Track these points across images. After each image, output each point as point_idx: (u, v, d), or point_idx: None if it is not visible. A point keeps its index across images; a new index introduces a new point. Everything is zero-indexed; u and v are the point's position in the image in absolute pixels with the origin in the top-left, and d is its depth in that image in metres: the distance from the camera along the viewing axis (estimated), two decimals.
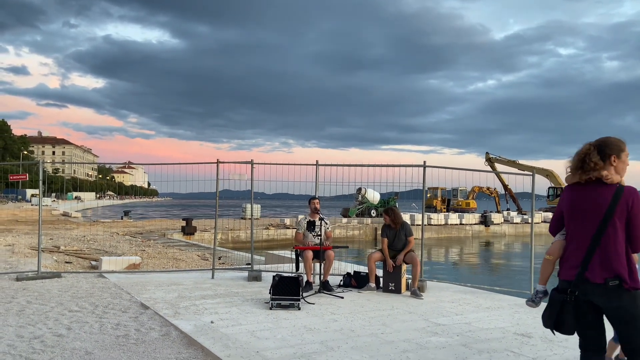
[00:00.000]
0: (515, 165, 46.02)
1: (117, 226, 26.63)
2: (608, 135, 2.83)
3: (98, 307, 5.92)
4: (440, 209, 46.14)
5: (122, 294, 6.75)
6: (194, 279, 8.09)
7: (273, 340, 4.58)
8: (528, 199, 8.21)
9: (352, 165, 8.34)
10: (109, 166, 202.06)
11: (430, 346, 4.54)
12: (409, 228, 7.33)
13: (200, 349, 4.39)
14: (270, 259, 11.73)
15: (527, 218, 37.72)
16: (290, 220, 30.14)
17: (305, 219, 7.51)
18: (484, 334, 5.01)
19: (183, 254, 14.83)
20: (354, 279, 7.48)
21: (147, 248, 15.94)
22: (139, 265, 10.19)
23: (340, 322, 5.35)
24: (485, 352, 4.40)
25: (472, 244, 30.76)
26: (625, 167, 2.77)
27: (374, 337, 4.78)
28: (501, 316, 5.84)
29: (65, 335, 4.73)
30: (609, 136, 2.82)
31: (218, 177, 8.47)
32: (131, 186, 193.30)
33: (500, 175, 26.96)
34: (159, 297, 6.44)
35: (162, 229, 25.00)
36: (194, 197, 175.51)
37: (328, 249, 7.21)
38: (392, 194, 37.46)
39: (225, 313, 5.63)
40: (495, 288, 7.64)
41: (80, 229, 23.05)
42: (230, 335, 4.73)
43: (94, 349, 4.33)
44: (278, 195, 23.81)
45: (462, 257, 25.32)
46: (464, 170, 8.55)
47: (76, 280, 7.80)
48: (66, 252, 13.26)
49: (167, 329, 5.01)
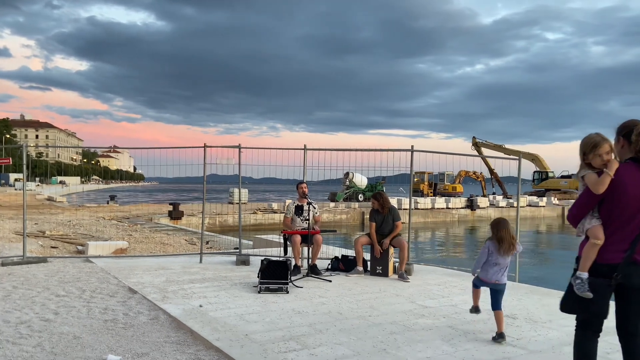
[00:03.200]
0: (501, 150, 46.47)
1: (103, 211, 26.41)
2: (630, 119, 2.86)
3: (85, 292, 5.89)
4: (427, 193, 46.49)
5: (110, 278, 6.73)
6: (182, 263, 8.08)
7: (262, 324, 4.62)
8: (513, 183, 8.31)
9: (339, 150, 8.34)
10: (93, 150, 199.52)
11: (417, 328, 4.61)
12: (396, 213, 7.38)
13: (189, 333, 4.41)
14: (258, 243, 11.76)
15: (512, 202, 38.20)
16: (278, 204, 30.16)
17: (293, 204, 7.51)
18: (470, 315, 5.09)
19: (170, 238, 14.79)
20: (341, 263, 7.54)
21: (134, 233, 15.86)
22: (126, 250, 10.15)
23: (328, 305, 5.41)
24: (471, 334, 4.48)
25: (458, 228, 31.11)
26: None
27: (361, 320, 4.84)
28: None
29: (52, 320, 4.72)
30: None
31: (205, 161, 8.42)
32: (117, 170, 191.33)
33: (486, 160, 27.22)
34: (146, 282, 6.43)
35: (149, 213, 24.85)
36: (181, 181, 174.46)
37: (316, 233, 7.24)
38: (379, 179, 37.64)
39: (213, 297, 5.65)
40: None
41: (65, 214, 22.82)
42: (219, 318, 4.75)
43: (82, 334, 4.32)
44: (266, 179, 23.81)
45: (448, 240, 25.61)
46: (451, 154, 8.61)
47: (63, 265, 7.75)
48: (52, 236, 13.14)
49: (156, 313, 5.02)
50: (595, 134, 2.89)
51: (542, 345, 4.24)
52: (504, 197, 43.75)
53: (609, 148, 2.83)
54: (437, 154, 8.33)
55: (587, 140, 2.88)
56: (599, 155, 2.82)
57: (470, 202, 37.08)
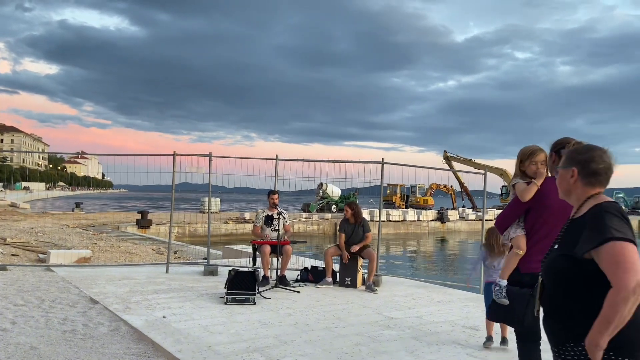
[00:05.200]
0: (471, 164, 47.33)
1: (68, 218, 25.67)
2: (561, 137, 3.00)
3: (44, 302, 5.70)
4: (399, 205, 46.96)
5: (71, 288, 6.54)
6: (148, 273, 7.92)
7: (226, 335, 4.56)
8: (482, 197, 8.48)
9: (311, 161, 8.36)
10: (60, 156, 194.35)
11: (382, 339, 4.64)
12: (366, 224, 7.43)
13: (151, 344, 4.32)
14: (228, 254, 11.63)
15: (481, 215, 38.93)
16: (250, 214, 29.93)
17: (263, 213, 7.48)
18: (434, 327, 5.16)
19: (137, 247, 14.47)
20: (311, 274, 7.52)
21: (99, 241, 15.46)
22: (90, 259, 9.89)
23: (295, 316, 5.38)
24: (434, 345, 4.53)
25: (428, 240, 31.49)
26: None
27: (327, 331, 4.83)
28: (451, 310, 6.02)
29: (9, 330, 4.54)
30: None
31: (175, 169, 8.31)
32: (84, 177, 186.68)
33: (456, 173, 27.72)
34: (109, 292, 6.27)
35: (115, 221, 24.29)
36: (151, 189, 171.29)
37: (286, 244, 7.21)
38: (352, 190, 37.86)
39: (178, 308, 5.55)
40: (447, 283, 7.86)
41: (28, 221, 22.09)
42: (182, 330, 4.67)
43: (39, 344, 4.18)
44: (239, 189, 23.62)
45: (418, 252, 25.89)
46: (422, 167, 8.76)
47: (22, 274, 7.49)
48: (12, 244, 12.68)
49: (117, 324, 4.89)
50: (534, 145, 3.09)
51: (503, 355, 4.32)
52: (473, 210, 44.55)
53: (544, 158, 3.00)
54: (409, 167, 8.46)
55: (525, 149, 3.07)
56: (534, 163, 3.00)
57: (440, 215, 37.64)
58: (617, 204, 1.92)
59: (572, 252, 1.87)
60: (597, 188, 1.99)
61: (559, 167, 2.08)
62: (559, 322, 1.93)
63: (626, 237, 1.78)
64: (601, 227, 1.81)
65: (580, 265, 1.85)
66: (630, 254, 1.75)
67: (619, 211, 1.87)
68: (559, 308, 1.93)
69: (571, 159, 2.03)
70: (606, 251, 1.77)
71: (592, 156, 1.99)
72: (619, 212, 1.86)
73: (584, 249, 1.83)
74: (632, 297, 1.70)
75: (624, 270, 1.72)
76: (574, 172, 2.00)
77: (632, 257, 1.75)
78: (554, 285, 1.95)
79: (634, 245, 1.78)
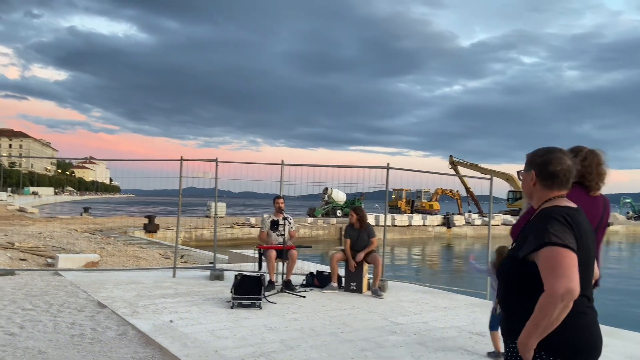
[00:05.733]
0: (477, 169, 47.24)
1: (76, 223, 25.86)
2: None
3: (53, 306, 5.76)
4: (404, 210, 46.86)
5: (79, 292, 6.59)
6: (155, 277, 7.97)
7: (232, 340, 4.59)
8: (488, 202, 8.46)
9: (316, 166, 8.40)
10: (68, 161, 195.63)
11: (388, 345, 4.64)
12: (372, 230, 7.44)
13: (158, 349, 4.35)
14: (234, 258, 11.66)
15: (487, 220, 38.74)
16: (256, 219, 29.98)
17: (269, 218, 7.51)
18: (440, 332, 5.16)
19: (144, 252, 14.56)
20: (316, 279, 7.54)
21: (107, 246, 15.57)
22: (98, 263, 9.96)
23: (301, 321, 5.40)
24: (440, 351, 4.53)
25: (434, 245, 31.39)
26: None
27: (333, 336, 4.84)
28: (457, 315, 6.01)
29: (17, 334, 4.60)
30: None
31: (181, 174, 8.37)
32: (92, 182, 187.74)
33: (462, 178, 27.66)
34: (117, 296, 6.32)
35: (123, 226, 24.43)
36: (158, 194, 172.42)
37: (291, 249, 7.24)
38: (358, 195, 37.85)
39: (185, 312, 5.58)
40: (453, 288, 7.85)
41: (36, 225, 22.26)
42: (189, 334, 4.70)
43: (47, 349, 4.22)
44: (245, 193, 23.67)
45: (423, 257, 25.81)
46: (427, 172, 8.77)
47: (31, 278, 7.56)
48: (21, 248, 12.80)
49: (124, 328, 4.93)
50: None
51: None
52: (479, 215, 44.38)
53: None
54: (414, 172, 8.47)
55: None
56: None
57: (446, 220, 37.51)
58: (567, 209, 1.89)
59: (517, 253, 1.90)
60: (556, 191, 1.97)
61: (522, 170, 2.07)
62: (507, 321, 1.97)
63: (563, 242, 1.77)
64: (541, 231, 1.82)
65: (525, 267, 1.86)
66: (565, 260, 1.75)
67: (564, 216, 1.84)
68: (507, 307, 1.97)
69: (530, 161, 2.03)
70: (543, 255, 1.79)
71: (550, 158, 1.96)
72: (564, 217, 1.84)
73: (524, 251, 1.86)
74: (560, 303, 1.71)
75: (555, 276, 1.73)
76: (532, 175, 2.00)
77: (565, 264, 1.74)
78: (504, 285, 1.99)
79: (571, 252, 1.77)
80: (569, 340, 1.80)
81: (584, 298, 1.85)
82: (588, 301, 1.88)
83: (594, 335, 1.86)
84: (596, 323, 1.90)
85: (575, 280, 1.72)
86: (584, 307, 1.85)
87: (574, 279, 1.72)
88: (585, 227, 1.88)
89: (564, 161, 1.96)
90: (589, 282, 1.89)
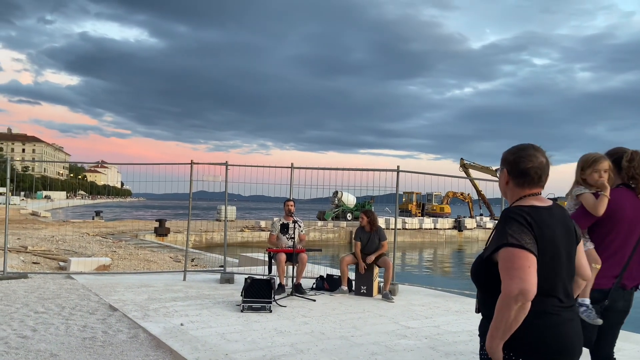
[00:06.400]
0: (488, 172, 46.82)
1: (88, 226, 26.08)
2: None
3: (65, 309, 5.80)
4: (415, 213, 46.64)
5: (90, 295, 6.63)
6: (165, 280, 8.00)
7: (243, 343, 4.58)
8: (500, 205, 8.39)
9: (326, 169, 8.38)
10: (80, 165, 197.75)
11: (399, 349, 4.60)
12: (382, 233, 7.40)
13: (169, 351, 4.36)
14: (244, 262, 11.68)
15: None
16: (266, 222, 30.03)
17: (279, 221, 7.51)
18: (452, 337, 5.11)
19: (155, 255, 14.63)
20: (326, 282, 7.52)
21: (118, 249, 15.67)
22: (109, 266, 10.03)
23: (311, 324, 5.38)
24: (452, 355, 4.49)
25: (445, 249, 31.19)
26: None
27: (344, 340, 4.82)
28: (469, 319, 5.95)
29: (30, 337, 4.63)
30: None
31: (192, 178, 8.41)
32: (104, 186, 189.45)
33: (473, 181, 27.48)
34: (128, 299, 6.35)
35: (134, 229, 24.59)
36: (169, 197, 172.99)
37: (301, 252, 7.23)
38: (368, 198, 37.76)
39: (195, 315, 5.59)
40: (465, 292, 7.78)
41: (49, 229, 22.50)
42: (199, 337, 4.70)
43: (59, 351, 4.25)
44: (254, 197, 23.73)
45: (434, 261, 25.65)
46: (438, 175, 8.71)
47: (43, 281, 7.63)
48: (34, 252, 12.93)
49: (136, 331, 4.95)
50: (596, 152, 2.91)
51: None
52: (491, 218, 44.03)
53: (607, 166, 2.82)
54: (425, 175, 8.41)
55: (587, 156, 2.88)
56: (596, 171, 2.80)
57: (457, 223, 37.25)
58: (530, 208, 1.85)
59: (483, 254, 1.90)
60: (529, 189, 1.92)
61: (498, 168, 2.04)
62: (481, 322, 1.97)
63: (519, 243, 1.74)
64: (501, 232, 1.81)
65: (492, 268, 1.84)
66: (520, 261, 1.72)
67: (524, 216, 1.81)
68: (482, 307, 1.96)
69: (503, 159, 2.00)
70: (500, 256, 1.77)
71: (521, 156, 1.92)
72: (524, 217, 1.81)
73: (486, 252, 1.86)
74: (514, 305, 1.69)
75: (510, 277, 1.71)
76: (505, 173, 1.97)
77: (519, 264, 1.71)
78: (476, 286, 1.98)
79: (527, 253, 1.73)
80: (534, 341, 1.78)
81: (554, 299, 1.82)
82: (560, 302, 1.84)
83: (564, 335, 1.82)
84: (570, 324, 1.85)
85: (529, 282, 1.69)
86: (551, 307, 1.81)
87: (528, 280, 1.69)
88: (552, 226, 1.84)
89: (535, 158, 1.91)
90: (560, 282, 1.85)
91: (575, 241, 1.96)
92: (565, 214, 1.96)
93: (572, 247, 1.92)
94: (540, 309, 1.76)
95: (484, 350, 1.89)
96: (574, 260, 1.95)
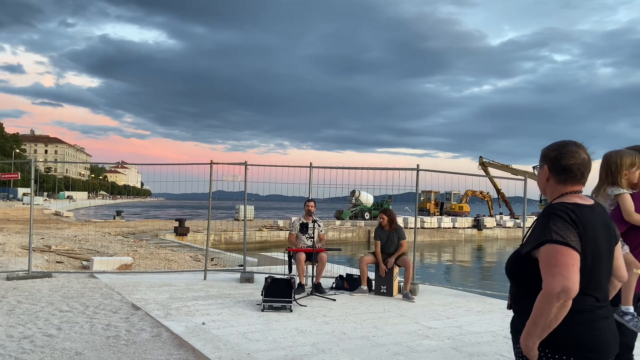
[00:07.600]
0: (508, 170, 46.24)
1: (109, 226, 26.49)
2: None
3: (89, 308, 5.89)
4: (433, 212, 46.29)
5: (113, 294, 6.72)
6: (186, 280, 8.06)
7: (264, 342, 4.58)
8: (520, 203, 8.26)
9: (345, 168, 8.35)
10: (101, 166, 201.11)
11: (421, 349, 4.56)
12: (402, 232, 7.35)
13: (191, 350, 4.38)
14: (263, 261, 11.72)
15: (519, 222, 37.92)
16: (284, 222, 30.12)
17: (298, 221, 7.51)
18: (475, 337, 5.04)
19: (175, 254, 14.78)
20: (346, 282, 7.49)
21: (139, 248, 15.87)
22: (131, 265, 10.15)
23: (331, 324, 5.36)
24: (476, 356, 4.42)
25: (464, 248, 30.87)
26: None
27: (365, 340, 4.79)
28: (492, 320, 5.87)
29: (55, 336, 4.71)
30: None
31: (211, 178, 8.46)
32: (124, 186, 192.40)
33: (493, 180, 27.12)
34: (150, 298, 6.42)
35: (154, 229, 24.89)
36: (188, 197, 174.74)
37: (321, 251, 7.21)
38: (385, 197, 37.58)
39: (216, 314, 5.62)
40: (487, 292, 7.67)
41: (72, 229, 22.91)
42: (221, 336, 4.72)
43: (84, 350, 4.31)
44: (272, 196, 23.80)
45: (454, 260, 25.39)
46: (457, 174, 8.60)
47: (67, 280, 7.76)
48: (57, 251, 13.17)
49: (158, 330, 4.99)
50: (626, 149, 2.75)
51: None
52: (511, 217, 43.44)
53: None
54: (443, 173, 8.32)
55: (625, 154, 2.71)
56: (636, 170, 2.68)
57: (477, 222, 36.85)
58: (575, 205, 1.81)
59: (522, 250, 1.86)
60: (570, 186, 1.88)
61: (537, 165, 1.99)
62: (513, 319, 1.96)
63: (564, 240, 1.71)
64: (543, 228, 1.77)
65: (529, 264, 1.81)
66: (564, 258, 1.69)
67: (569, 213, 1.77)
68: (514, 306, 1.95)
69: (543, 156, 1.96)
70: (543, 253, 1.74)
71: (562, 152, 1.88)
72: (569, 214, 1.77)
73: (526, 248, 1.82)
74: (556, 302, 1.66)
75: (552, 274, 1.68)
76: (545, 170, 1.93)
77: (563, 262, 1.68)
78: (511, 282, 1.95)
79: (572, 250, 1.70)
80: (570, 338, 1.76)
81: (591, 297, 1.80)
82: (597, 301, 1.82)
83: (599, 333, 1.80)
84: (605, 322, 1.83)
85: (573, 279, 1.67)
86: (588, 306, 1.79)
87: (571, 278, 1.67)
88: (595, 225, 1.80)
89: (577, 155, 1.87)
90: (598, 282, 1.82)
91: (615, 242, 1.92)
92: (606, 214, 1.92)
93: (612, 247, 1.89)
94: (576, 307, 1.73)
95: (518, 346, 1.86)
96: (613, 261, 1.92)
